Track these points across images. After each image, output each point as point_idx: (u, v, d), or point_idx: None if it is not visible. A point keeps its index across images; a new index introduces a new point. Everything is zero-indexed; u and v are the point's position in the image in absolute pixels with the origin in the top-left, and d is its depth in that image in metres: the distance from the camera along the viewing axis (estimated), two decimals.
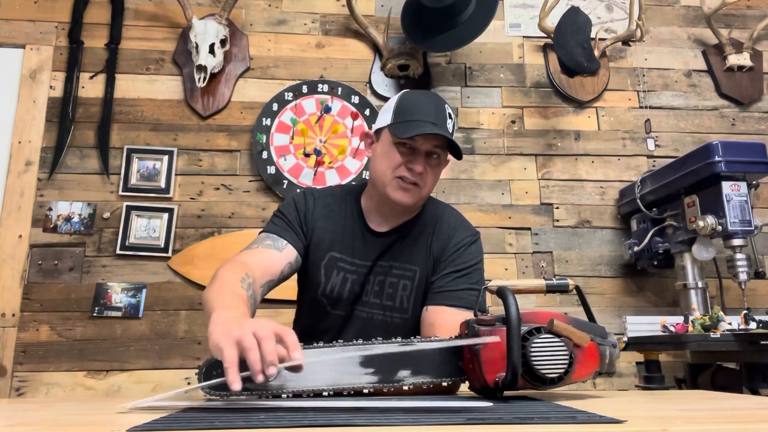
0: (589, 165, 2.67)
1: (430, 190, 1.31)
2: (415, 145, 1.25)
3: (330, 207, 1.36)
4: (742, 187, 2.01)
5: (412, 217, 1.35)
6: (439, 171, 1.30)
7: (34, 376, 2.25)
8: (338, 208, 1.36)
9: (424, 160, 1.25)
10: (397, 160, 1.25)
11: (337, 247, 1.32)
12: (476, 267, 1.32)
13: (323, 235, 1.33)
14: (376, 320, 1.31)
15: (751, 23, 2.89)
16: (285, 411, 0.72)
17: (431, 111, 1.24)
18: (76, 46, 2.57)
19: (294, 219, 1.33)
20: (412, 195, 1.26)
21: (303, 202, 1.36)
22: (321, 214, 1.35)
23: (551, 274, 2.52)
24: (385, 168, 1.27)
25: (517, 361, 0.84)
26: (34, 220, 2.38)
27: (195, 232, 2.44)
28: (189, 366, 2.30)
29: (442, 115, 1.24)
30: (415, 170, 1.24)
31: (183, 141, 2.53)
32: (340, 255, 1.32)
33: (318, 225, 1.33)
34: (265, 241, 1.28)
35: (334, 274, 1.32)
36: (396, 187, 1.26)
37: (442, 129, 1.22)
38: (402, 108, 1.27)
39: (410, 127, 1.22)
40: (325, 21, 2.74)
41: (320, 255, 1.32)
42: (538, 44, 2.81)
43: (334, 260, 1.32)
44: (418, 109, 1.25)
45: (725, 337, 1.76)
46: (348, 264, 1.32)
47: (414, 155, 1.25)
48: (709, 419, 0.70)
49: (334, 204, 1.37)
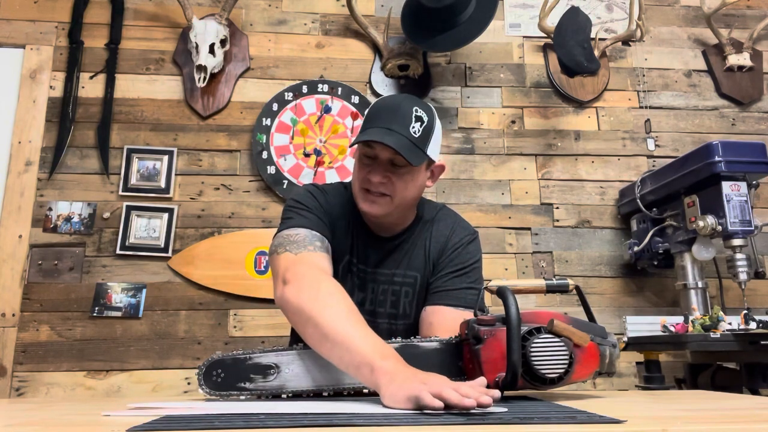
0: (589, 165, 2.67)
1: (405, 197, 1.23)
2: (375, 154, 1.19)
3: (341, 206, 1.32)
4: (742, 187, 2.01)
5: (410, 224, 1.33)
6: (412, 177, 1.22)
7: (34, 376, 2.25)
8: (346, 209, 1.32)
9: (386, 169, 1.20)
10: (361, 170, 1.22)
11: (351, 250, 1.29)
12: (474, 266, 1.31)
13: (341, 236, 1.29)
14: (382, 329, 1.28)
15: (751, 23, 2.89)
16: (285, 411, 0.72)
17: (390, 115, 1.18)
18: (76, 46, 2.57)
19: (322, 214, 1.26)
20: (380, 206, 1.21)
21: (322, 196, 1.30)
22: (337, 212, 1.30)
23: (551, 274, 2.52)
24: (354, 179, 1.26)
25: (517, 361, 0.84)
26: (34, 220, 2.38)
27: (195, 232, 2.44)
28: (189, 366, 2.30)
29: (404, 119, 1.17)
30: (373, 180, 1.19)
31: (183, 141, 2.53)
32: (353, 258, 1.29)
33: (337, 224, 1.29)
34: (315, 242, 1.19)
35: (348, 279, 1.29)
36: (363, 198, 1.23)
37: (393, 134, 1.15)
38: (367, 115, 1.24)
39: (361, 135, 1.19)
40: (325, 21, 2.74)
41: (339, 255, 1.28)
42: (538, 44, 2.81)
43: (348, 264, 1.29)
44: (378, 115, 1.20)
45: (725, 337, 1.76)
46: (357, 269, 1.30)
47: (374, 164, 1.20)
48: (709, 419, 0.70)
49: (343, 203, 1.32)
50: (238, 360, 0.97)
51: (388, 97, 1.30)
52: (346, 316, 0.97)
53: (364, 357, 0.88)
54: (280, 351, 1.00)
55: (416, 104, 1.21)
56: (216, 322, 2.35)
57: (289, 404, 0.80)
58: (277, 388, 0.95)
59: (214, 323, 2.35)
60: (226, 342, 2.34)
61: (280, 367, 0.96)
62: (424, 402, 0.71)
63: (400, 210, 1.27)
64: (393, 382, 0.80)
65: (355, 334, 0.93)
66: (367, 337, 0.93)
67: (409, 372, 0.83)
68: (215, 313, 2.36)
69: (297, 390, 0.95)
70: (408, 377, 0.80)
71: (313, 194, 1.30)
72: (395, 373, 0.82)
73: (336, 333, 0.93)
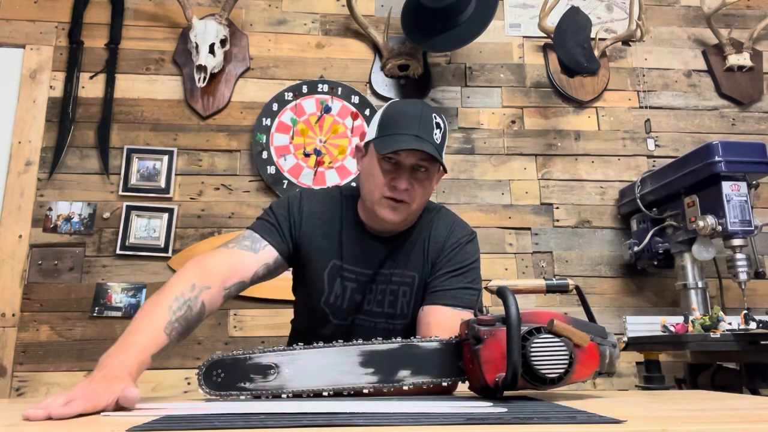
0: (589, 165, 2.67)
1: (421, 203, 1.26)
2: (399, 160, 1.20)
3: (330, 211, 1.32)
4: (742, 187, 2.01)
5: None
6: (429, 183, 1.25)
7: (34, 376, 2.25)
8: (337, 213, 1.32)
9: (410, 175, 1.21)
10: (383, 177, 1.21)
11: (338, 255, 1.29)
12: (472, 266, 1.30)
13: (324, 241, 1.29)
14: (379, 329, 1.29)
15: (751, 23, 2.89)
16: (285, 411, 0.72)
17: (415, 122, 1.19)
18: (76, 46, 2.57)
19: (283, 219, 1.28)
20: (400, 213, 1.23)
21: (298, 205, 1.31)
22: (320, 218, 1.30)
23: (551, 274, 2.52)
24: (372, 186, 1.24)
25: (517, 361, 0.84)
26: (34, 220, 2.38)
27: (195, 232, 2.44)
28: (189, 366, 2.30)
29: (427, 126, 1.20)
30: (399, 187, 1.20)
31: (183, 141, 2.53)
32: (341, 263, 1.29)
33: (317, 230, 1.29)
34: (243, 242, 1.24)
35: (337, 283, 1.29)
36: (384, 205, 1.22)
37: (424, 142, 1.17)
38: (385, 120, 1.23)
39: (391, 142, 1.18)
40: (325, 21, 2.74)
41: (322, 263, 1.28)
42: (538, 44, 2.81)
43: (336, 268, 1.29)
44: (401, 122, 1.20)
45: (725, 337, 1.76)
46: (349, 272, 1.29)
47: (398, 171, 1.21)
48: (709, 419, 0.70)
49: (334, 208, 1.32)
50: (238, 360, 0.97)
51: (403, 102, 1.31)
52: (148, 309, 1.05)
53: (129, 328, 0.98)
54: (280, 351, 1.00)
55: (434, 111, 1.24)
56: (216, 322, 2.35)
57: (289, 404, 0.80)
58: (277, 388, 0.95)
59: (214, 323, 2.35)
60: (226, 342, 2.34)
61: (280, 367, 0.96)
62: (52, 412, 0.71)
63: (413, 216, 1.29)
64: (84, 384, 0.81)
65: (137, 320, 1.02)
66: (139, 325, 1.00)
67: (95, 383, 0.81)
68: (215, 313, 2.34)
69: (297, 390, 0.95)
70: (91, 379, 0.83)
71: (288, 201, 1.33)
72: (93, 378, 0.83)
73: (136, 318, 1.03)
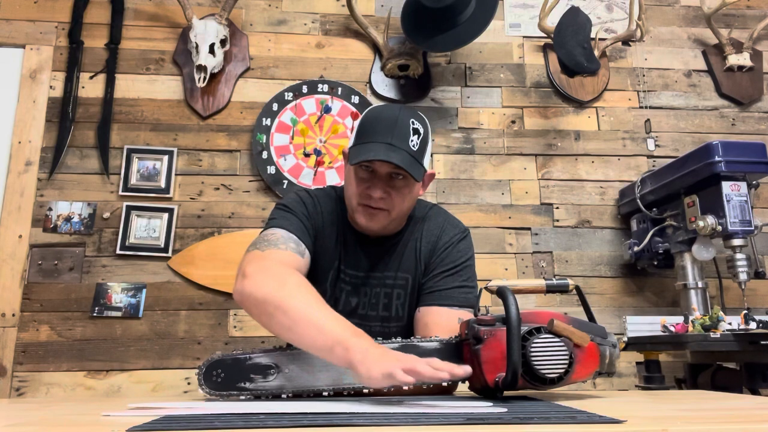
0: (589, 165, 2.67)
1: (402, 209, 1.24)
2: (374, 168, 1.18)
3: (333, 212, 1.31)
4: (742, 187, 2.01)
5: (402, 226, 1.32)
6: (409, 190, 1.21)
7: (34, 376, 2.25)
8: (336, 214, 1.31)
9: (386, 183, 1.19)
10: (359, 185, 1.20)
11: (339, 256, 1.29)
12: (466, 264, 1.29)
13: (330, 243, 1.28)
14: (375, 332, 1.28)
15: (751, 23, 2.89)
16: (285, 411, 0.72)
17: (389, 129, 1.16)
18: (76, 46, 2.57)
19: (306, 220, 1.25)
20: (378, 220, 1.21)
21: (312, 204, 1.29)
22: (327, 219, 1.29)
23: (551, 274, 2.52)
24: (350, 194, 1.23)
25: (517, 361, 0.84)
26: (34, 220, 2.38)
27: (195, 232, 2.44)
28: (189, 366, 2.30)
29: (402, 132, 1.16)
30: (374, 195, 1.17)
31: (183, 141, 2.53)
32: (341, 265, 1.28)
33: (326, 231, 1.28)
34: (290, 243, 1.19)
35: (338, 286, 1.28)
36: (361, 213, 1.21)
37: (396, 150, 1.14)
38: (362, 128, 1.21)
39: (363, 151, 1.16)
40: (325, 21, 2.74)
41: (328, 264, 1.27)
42: (538, 44, 2.81)
43: (338, 270, 1.29)
44: (375, 129, 1.18)
45: (725, 337, 1.76)
46: (345, 275, 1.29)
47: (374, 179, 1.19)
48: (709, 419, 0.70)
49: (334, 209, 1.32)
50: (238, 360, 0.97)
51: (381, 107, 1.27)
52: (315, 302, 0.99)
53: (336, 337, 0.90)
54: (280, 351, 1.00)
55: (412, 116, 1.20)
56: (216, 322, 2.35)
57: (289, 404, 0.80)
58: (277, 388, 0.95)
59: (214, 323, 2.35)
60: (226, 342, 2.34)
61: (280, 367, 0.96)
62: (397, 378, 0.74)
63: (396, 222, 1.28)
64: (367, 359, 0.83)
65: (327, 317, 0.96)
66: (338, 319, 0.96)
67: (382, 349, 0.86)
68: (215, 313, 2.36)
69: (297, 390, 0.95)
70: (381, 355, 0.83)
71: (302, 200, 1.30)
72: (368, 351, 0.85)
73: (307, 317, 0.95)
